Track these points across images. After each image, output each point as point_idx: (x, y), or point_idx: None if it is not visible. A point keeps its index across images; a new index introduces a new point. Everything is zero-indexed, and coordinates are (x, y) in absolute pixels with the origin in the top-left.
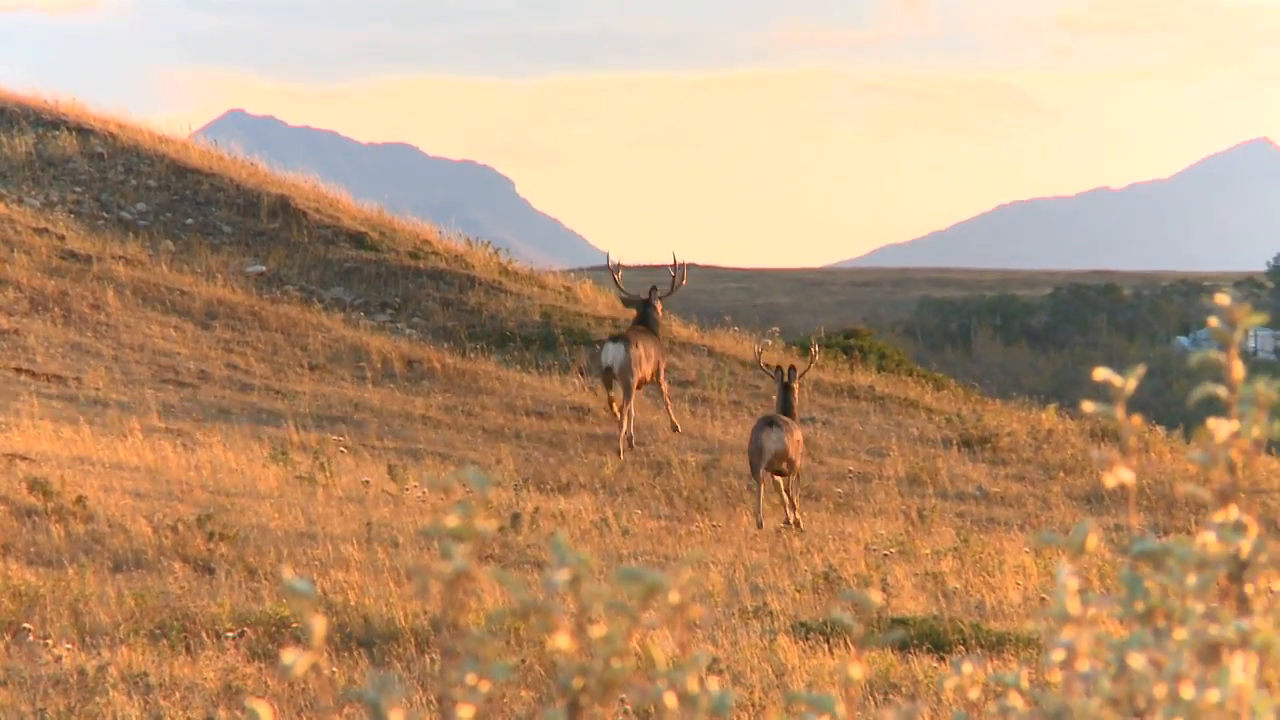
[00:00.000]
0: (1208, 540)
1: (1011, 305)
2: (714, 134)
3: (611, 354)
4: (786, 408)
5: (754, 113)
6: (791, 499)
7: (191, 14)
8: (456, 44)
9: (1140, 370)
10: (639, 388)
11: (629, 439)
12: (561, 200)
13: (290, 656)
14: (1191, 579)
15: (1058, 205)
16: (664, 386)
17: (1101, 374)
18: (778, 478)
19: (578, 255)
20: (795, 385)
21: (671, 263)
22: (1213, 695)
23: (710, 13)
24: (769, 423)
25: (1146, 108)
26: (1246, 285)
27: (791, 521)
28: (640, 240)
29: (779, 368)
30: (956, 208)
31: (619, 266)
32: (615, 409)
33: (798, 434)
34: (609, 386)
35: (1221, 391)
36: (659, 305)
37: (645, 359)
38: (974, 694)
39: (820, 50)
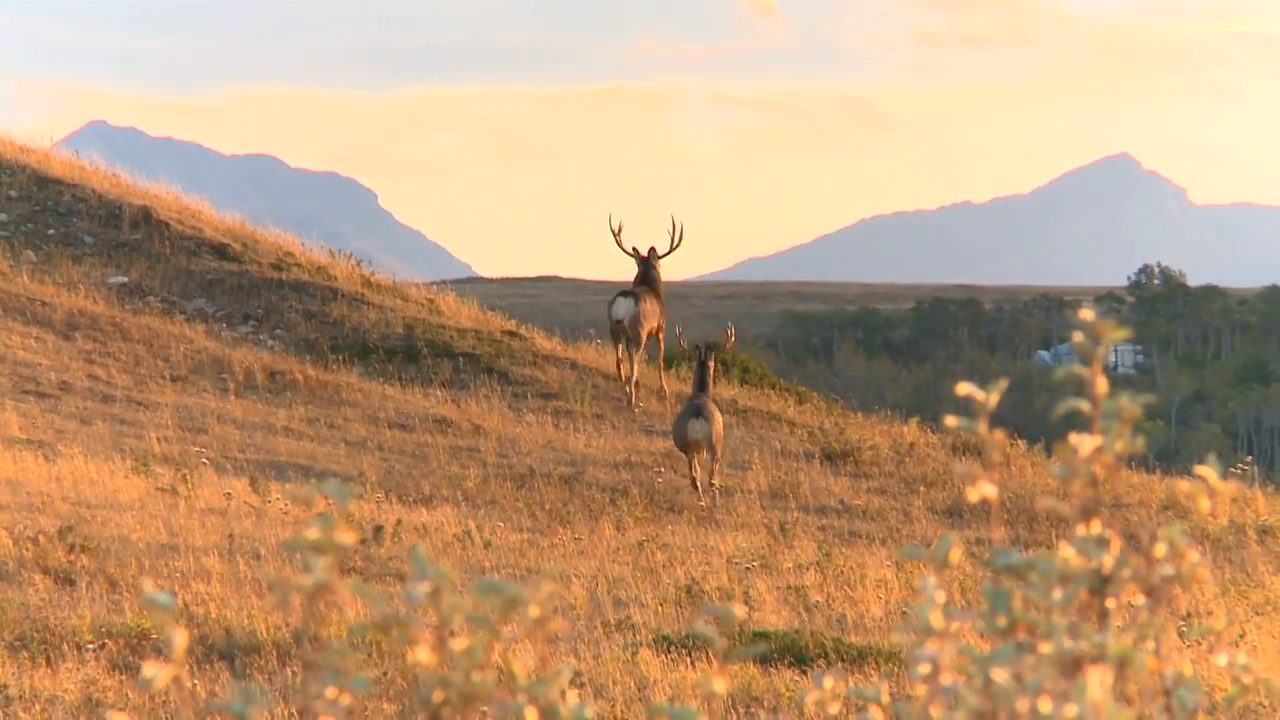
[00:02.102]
0: (1070, 555)
1: (874, 319)
2: (574, 146)
3: (622, 308)
4: (703, 383)
5: (613, 125)
6: (711, 473)
7: (45, 25)
8: (315, 55)
9: (1002, 385)
10: (646, 340)
11: (631, 385)
12: (425, 213)
13: (151, 670)
14: (1055, 593)
15: (920, 219)
16: (660, 347)
17: (964, 388)
18: (697, 456)
19: (441, 268)
20: (710, 363)
21: (670, 228)
22: (1070, 710)
23: (567, 25)
24: (696, 413)
25: (1007, 122)
26: (1107, 300)
27: (715, 485)
28: (504, 252)
29: (697, 346)
30: (819, 221)
31: (620, 226)
32: (620, 367)
33: (719, 424)
34: (618, 340)
35: (1085, 406)
36: (658, 265)
37: (651, 314)
38: (834, 709)
39: (678, 63)
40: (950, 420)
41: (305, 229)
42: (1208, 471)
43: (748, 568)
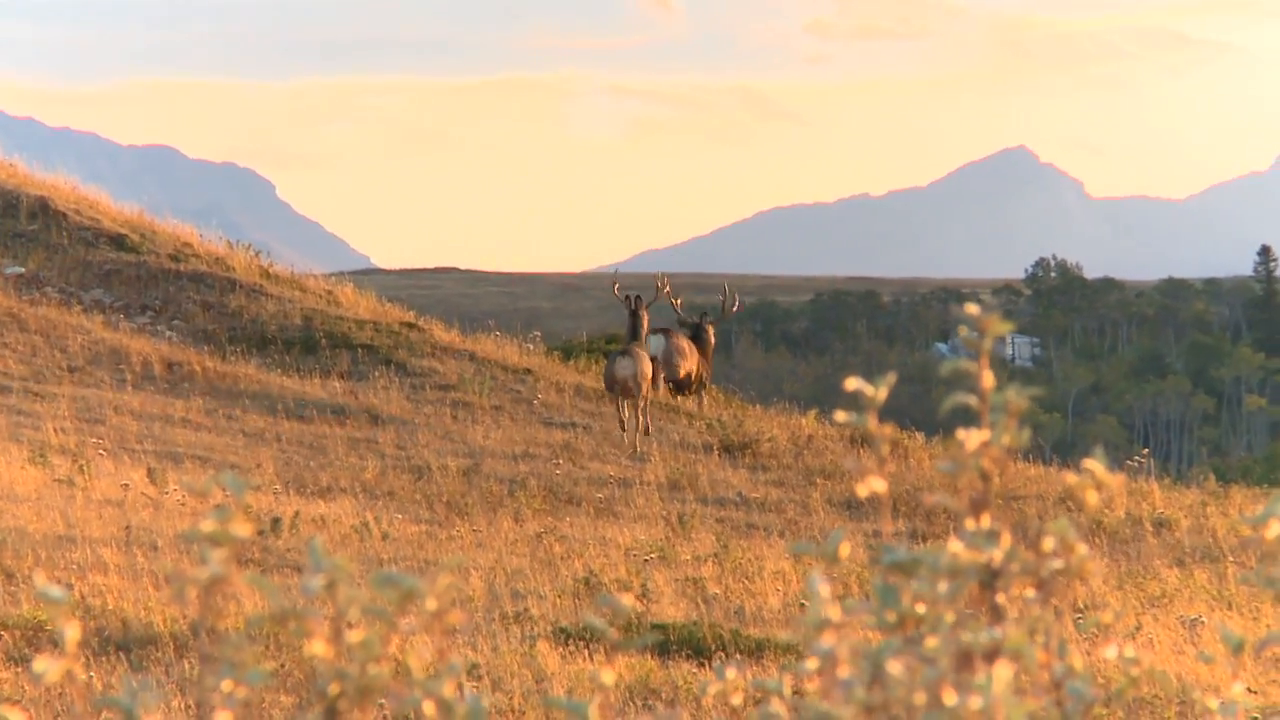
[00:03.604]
0: (958, 549)
1: (772, 311)
2: (472, 137)
3: (654, 346)
4: (635, 331)
5: (511, 117)
6: (640, 417)
7: None
8: (212, 45)
9: (891, 379)
10: (683, 378)
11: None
12: (323, 203)
13: (43, 663)
14: (940, 587)
15: (818, 212)
16: (701, 395)
17: (853, 384)
18: (627, 400)
19: (339, 259)
20: (643, 312)
21: (723, 293)
22: (975, 702)
23: (462, 17)
24: (622, 353)
25: (904, 115)
26: (1005, 292)
27: (641, 429)
28: (402, 244)
29: (628, 296)
30: (718, 213)
31: (673, 291)
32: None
33: (645, 365)
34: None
35: (973, 400)
36: (710, 328)
37: (685, 355)
38: (737, 700)
39: (573, 54)
40: (841, 415)
41: (204, 220)
42: (1095, 464)
43: (646, 560)
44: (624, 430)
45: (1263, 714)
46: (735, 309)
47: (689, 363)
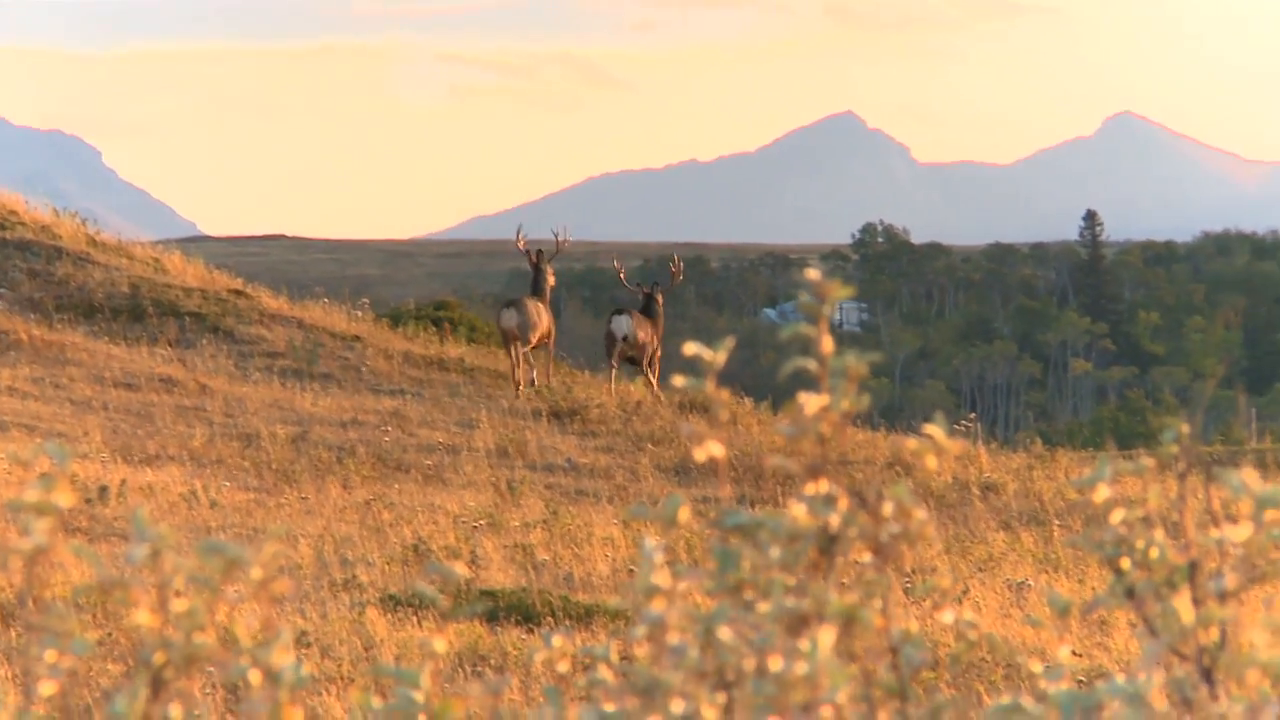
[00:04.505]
0: (799, 513)
1: (600, 277)
2: (298, 104)
3: (623, 325)
4: (537, 284)
5: (337, 83)
6: (533, 365)
7: None
8: (35, 10)
9: (730, 344)
10: (646, 356)
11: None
12: (149, 170)
13: None
14: (781, 551)
15: (646, 178)
16: (655, 370)
17: (692, 348)
18: (523, 347)
19: (166, 226)
20: (545, 265)
21: (672, 263)
22: (801, 668)
23: None
24: (509, 304)
25: (731, 81)
26: (833, 258)
27: (531, 380)
28: (229, 211)
29: (527, 251)
30: (546, 179)
31: (622, 265)
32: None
33: (536, 317)
34: (609, 353)
35: (812, 365)
36: (659, 297)
37: (648, 331)
38: (563, 667)
39: (401, 20)
40: (679, 380)
41: (29, 187)
42: (934, 429)
43: (475, 526)
44: (517, 384)
45: (1088, 677)
46: (679, 279)
47: (648, 340)
